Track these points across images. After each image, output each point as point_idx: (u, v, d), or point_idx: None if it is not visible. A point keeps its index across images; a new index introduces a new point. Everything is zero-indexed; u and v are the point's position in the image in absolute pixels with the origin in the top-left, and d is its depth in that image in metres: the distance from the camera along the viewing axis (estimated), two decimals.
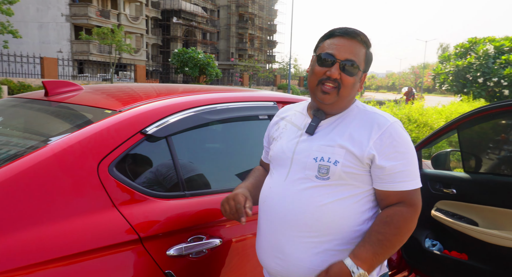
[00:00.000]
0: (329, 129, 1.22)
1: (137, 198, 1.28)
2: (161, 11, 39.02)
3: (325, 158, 1.17)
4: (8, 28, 13.88)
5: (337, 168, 1.15)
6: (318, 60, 1.22)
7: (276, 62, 48.67)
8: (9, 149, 1.32)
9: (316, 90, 1.22)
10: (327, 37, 1.24)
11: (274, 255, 1.22)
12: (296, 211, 1.18)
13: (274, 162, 1.30)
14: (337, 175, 1.15)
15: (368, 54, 1.24)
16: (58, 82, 1.70)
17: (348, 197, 1.17)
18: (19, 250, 1.02)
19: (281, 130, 1.33)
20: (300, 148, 1.23)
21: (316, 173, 1.17)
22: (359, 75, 1.22)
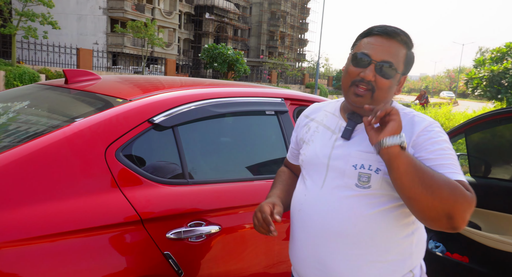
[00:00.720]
0: (362, 135, 1.14)
1: (141, 182, 1.37)
2: (195, 6, 39.59)
3: (365, 165, 1.09)
4: (48, 19, 14.52)
5: (378, 176, 1.08)
6: (353, 59, 1.14)
7: (305, 61, 48.32)
8: (27, 130, 1.44)
9: (349, 92, 1.14)
10: (365, 35, 1.16)
11: (313, 266, 1.17)
12: (337, 221, 1.11)
13: (307, 167, 1.23)
14: (378, 183, 1.08)
15: (408, 55, 1.15)
16: (77, 71, 1.82)
17: (390, 207, 1.09)
18: (32, 221, 1.12)
19: (312, 132, 1.26)
20: (336, 153, 1.15)
21: (357, 181, 1.09)
22: (396, 78, 1.13)
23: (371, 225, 1.08)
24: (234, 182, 1.59)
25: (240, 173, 1.72)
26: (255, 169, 1.78)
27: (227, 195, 1.54)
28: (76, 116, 1.41)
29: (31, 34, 14.17)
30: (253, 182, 1.66)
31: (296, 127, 1.36)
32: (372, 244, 1.09)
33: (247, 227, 1.57)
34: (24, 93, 1.84)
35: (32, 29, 14.22)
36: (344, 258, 1.11)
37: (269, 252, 1.67)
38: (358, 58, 1.13)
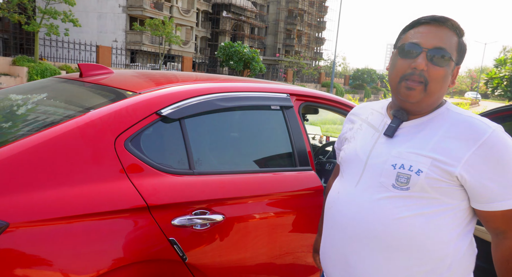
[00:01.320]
0: (413, 133, 1.06)
1: (148, 171, 1.43)
2: (212, 4, 39.84)
3: (405, 165, 1.02)
4: (69, 17, 14.90)
5: (419, 178, 1.00)
6: (400, 52, 1.06)
7: (322, 59, 47.96)
8: (42, 120, 1.53)
9: (399, 88, 1.05)
10: (410, 27, 1.08)
11: (339, 266, 1.13)
12: (366, 222, 1.05)
13: (345, 164, 1.18)
14: (419, 186, 1.00)
15: (461, 43, 1.05)
16: (91, 65, 1.91)
17: (431, 212, 1.01)
18: (47, 204, 1.20)
19: (355, 130, 1.21)
20: (377, 151, 1.09)
21: (394, 181, 1.03)
22: (451, 66, 1.04)
23: (404, 229, 1.01)
24: (238, 174, 1.64)
25: (244, 165, 1.77)
26: (258, 162, 1.83)
27: (231, 186, 1.60)
28: (89, 107, 1.49)
29: (53, 32, 14.57)
30: (257, 174, 1.71)
31: (343, 127, 1.32)
32: (403, 250, 1.01)
33: (250, 217, 1.62)
34: (42, 86, 1.94)
35: (54, 26, 14.62)
36: (371, 261, 1.05)
37: (274, 243, 1.72)
38: (406, 50, 1.04)
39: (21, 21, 14.15)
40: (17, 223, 1.14)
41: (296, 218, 1.76)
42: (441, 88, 1.04)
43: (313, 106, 2.13)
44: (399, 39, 1.11)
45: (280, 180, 1.75)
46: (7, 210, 1.13)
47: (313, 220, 1.83)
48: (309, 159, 1.86)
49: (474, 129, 0.99)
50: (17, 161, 1.21)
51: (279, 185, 1.74)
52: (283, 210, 1.73)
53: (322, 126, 4.35)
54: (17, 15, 14.14)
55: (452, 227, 1.02)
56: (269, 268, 1.74)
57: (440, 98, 1.08)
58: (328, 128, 4.75)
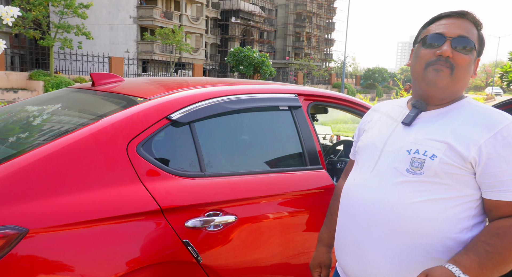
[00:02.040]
0: (431, 122, 1.07)
1: (161, 175, 1.46)
2: (221, 11, 40.21)
3: (420, 150, 1.03)
4: (82, 30, 15.27)
5: (433, 163, 1.00)
6: (423, 44, 1.09)
7: (332, 61, 47.77)
8: (57, 128, 1.58)
9: (426, 73, 1.07)
10: (431, 22, 1.12)
11: (352, 252, 1.13)
12: (380, 206, 1.06)
13: (361, 152, 1.20)
14: (432, 170, 1.01)
15: (480, 35, 1.10)
16: (103, 74, 1.97)
17: (443, 198, 1.01)
18: (64, 210, 1.24)
19: (374, 122, 1.23)
20: (393, 139, 1.11)
21: (408, 166, 1.03)
22: (474, 55, 1.07)
23: (418, 214, 1.01)
24: (249, 175, 1.66)
25: (254, 165, 1.79)
26: (268, 162, 1.85)
27: (242, 187, 1.61)
28: (101, 115, 1.54)
29: (67, 45, 14.95)
30: (267, 174, 1.72)
31: (361, 121, 1.35)
32: (415, 235, 1.01)
33: (263, 217, 1.63)
34: (56, 96, 2.01)
35: (68, 40, 15.00)
36: (383, 246, 1.05)
37: (287, 243, 1.72)
38: (430, 40, 1.07)
39: (36, 37, 14.57)
40: (36, 229, 1.18)
41: (309, 217, 1.77)
42: (465, 76, 1.07)
43: (322, 105, 2.14)
44: (420, 34, 1.14)
45: (291, 180, 1.76)
46: (26, 217, 1.17)
47: None
48: (319, 158, 1.87)
49: (491, 119, 1.02)
50: (34, 169, 1.26)
51: (290, 184, 1.75)
52: (295, 209, 1.74)
53: (333, 126, 4.34)
54: (32, 30, 14.57)
55: (465, 216, 1.02)
56: (284, 268, 1.75)
57: (463, 88, 1.10)
58: (339, 128, 4.74)
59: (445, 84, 1.05)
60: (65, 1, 14.78)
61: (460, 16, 1.08)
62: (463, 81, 1.07)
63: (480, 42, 1.10)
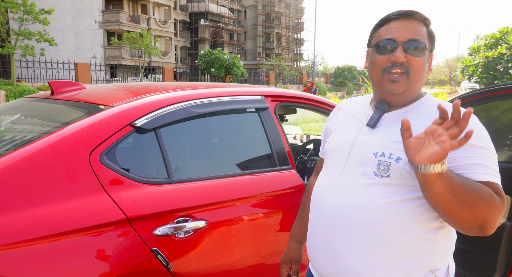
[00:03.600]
0: (394, 123, 1.10)
1: (126, 183, 1.43)
2: (189, 14, 39.87)
3: (386, 153, 1.06)
4: (44, 36, 14.73)
5: (399, 165, 1.03)
6: (377, 50, 1.11)
7: (302, 60, 48.38)
8: (14, 140, 1.51)
9: (383, 81, 1.10)
10: (380, 24, 1.14)
11: (325, 255, 1.15)
12: (350, 209, 1.08)
13: (330, 155, 1.22)
14: (398, 172, 1.04)
15: (430, 31, 1.12)
16: (62, 83, 1.90)
17: (409, 198, 1.04)
18: (19, 226, 1.19)
19: (340, 122, 1.25)
20: (359, 141, 1.13)
21: (375, 169, 1.06)
22: (426, 54, 1.10)
23: (386, 215, 1.04)
24: (218, 178, 1.65)
25: (223, 169, 1.78)
26: (238, 165, 1.84)
27: (211, 191, 1.60)
28: (61, 124, 1.49)
29: (28, 53, 14.39)
30: (237, 177, 1.72)
31: (327, 119, 1.36)
32: (385, 235, 1.04)
33: (234, 220, 1.63)
34: (13, 107, 1.92)
35: (30, 47, 14.43)
36: (355, 247, 1.07)
37: (260, 244, 1.73)
38: (382, 46, 1.09)
39: None
40: None
41: (281, 217, 1.77)
42: (421, 77, 1.10)
43: (290, 106, 2.16)
44: (372, 38, 1.16)
45: (261, 181, 1.76)
46: None
47: None
48: (288, 158, 1.88)
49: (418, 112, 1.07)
50: None
51: (260, 186, 1.75)
52: (266, 210, 1.74)
53: (303, 125, 4.38)
54: None
55: (430, 216, 1.04)
56: (259, 269, 1.75)
57: (420, 88, 1.13)
58: (310, 127, 4.79)
59: (403, 90, 1.09)
60: (24, 7, 14.22)
61: (407, 17, 1.10)
62: (420, 82, 1.10)
63: (430, 38, 1.12)
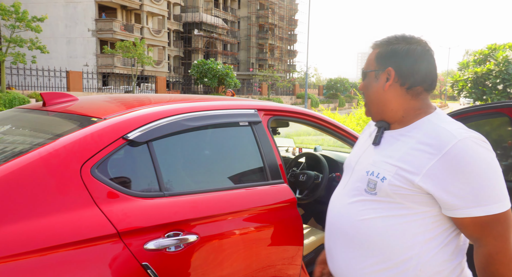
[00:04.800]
0: (391, 142, 1.15)
1: (117, 196, 1.42)
2: (183, 24, 40.10)
3: (375, 172, 1.12)
4: (36, 44, 14.66)
5: (383, 185, 1.09)
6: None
7: (295, 72, 48.79)
8: (5, 152, 1.50)
9: None
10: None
11: (328, 255, 1.29)
12: (341, 220, 1.19)
13: (344, 169, 1.33)
14: (383, 191, 1.09)
15: (380, 51, 1.17)
16: (54, 94, 1.89)
17: (395, 215, 1.08)
18: (5, 240, 1.17)
19: (359, 139, 1.35)
20: (362, 158, 1.21)
21: (366, 186, 1.14)
22: (370, 76, 1.18)
23: (369, 229, 1.10)
24: (209, 192, 1.65)
25: (215, 183, 1.78)
26: (230, 179, 1.84)
27: (203, 205, 1.60)
28: (52, 137, 1.47)
29: (19, 60, 14.29)
30: (229, 191, 1.72)
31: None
32: (367, 248, 1.11)
33: (225, 235, 1.62)
34: (4, 118, 1.90)
35: (21, 54, 14.34)
36: (344, 256, 1.18)
37: (252, 258, 1.71)
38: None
39: None
40: None
41: (272, 231, 1.77)
42: (370, 96, 1.20)
43: (282, 120, 2.17)
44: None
45: (252, 195, 1.76)
46: None
47: (289, 232, 1.84)
48: (280, 172, 1.89)
49: (439, 139, 1.03)
50: None
51: (252, 200, 1.75)
52: (258, 224, 1.74)
53: (296, 138, 4.40)
54: None
55: (418, 232, 1.06)
56: None
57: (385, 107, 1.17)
58: (302, 140, 4.82)
59: (369, 114, 1.23)
60: (16, 15, 14.17)
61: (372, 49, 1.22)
62: (374, 102, 1.19)
63: (380, 56, 1.17)
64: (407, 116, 1.15)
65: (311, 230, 2.64)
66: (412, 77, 1.13)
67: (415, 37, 1.16)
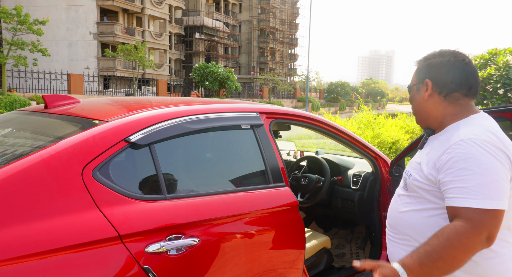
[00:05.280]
0: (429, 146, 1.33)
1: (119, 199, 1.41)
2: (184, 27, 40.20)
3: (408, 171, 1.35)
4: (38, 47, 14.70)
5: (410, 181, 1.31)
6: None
7: (296, 75, 48.86)
8: (6, 154, 1.49)
9: None
10: None
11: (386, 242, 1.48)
12: (389, 212, 1.44)
13: None
14: (410, 187, 1.31)
15: (419, 67, 1.37)
16: (56, 96, 1.89)
17: (422, 209, 1.27)
18: (6, 243, 1.16)
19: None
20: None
21: (403, 183, 1.37)
22: (413, 90, 1.38)
23: (404, 221, 1.32)
24: (211, 195, 1.64)
25: (217, 186, 1.77)
26: (232, 182, 1.83)
27: (205, 208, 1.59)
28: (54, 139, 1.47)
29: (21, 63, 14.32)
30: (231, 194, 1.71)
31: None
32: (406, 236, 1.31)
33: (227, 238, 1.61)
34: (6, 120, 1.90)
35: (22, 57, 14.37)
36: (392, 243, 1.39)
37: (253, 262, 1.70)
38: None
39: None
40: None
41: (274, 235, 1.76)
42: (417, 107, 1.37)
43: (284, 123, 2.16)
44: None
45: (254, 198, 1.75)
46: None
47: (291, 236, 1.83)
48: (282, 175, 1.88)
49: (450, 138, 1.22)
50: None
51: (254, 203, 1.74)
52: (259, 228, 1.73)
53: (298, 141, 4.39)
54: None
55: (444, 224, 1.19)
56: None
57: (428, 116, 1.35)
58: (304, 143, 4.81)
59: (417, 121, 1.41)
60: (18, 18, 14.22)
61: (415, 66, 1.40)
62: (420, 111, 1.37)
63: (420, 71, 1.36)
64: (445, 121, 1.31)
65: (312, 233, 2.62)
66: (447, 85, 1.29)
67: (450, 50, 1.33)
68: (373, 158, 2.57)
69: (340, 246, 3.11)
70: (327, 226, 3.28)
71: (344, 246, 3.09)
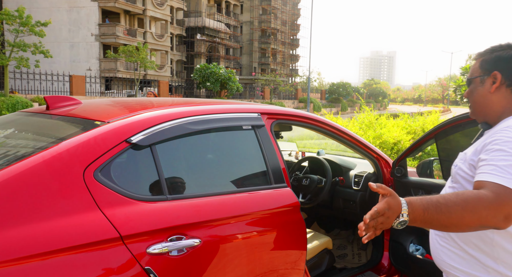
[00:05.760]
0: (480, 140, 1.30)
1: (120, 200, 1.41)
2: (186, 28, 40.27)
3: (456, 163, 1.35)
4: (40, 48, 14.75)
5: (454, 170, 1.33)
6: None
7: (297, 76, 48.86)
8: (8, 155, 1.50)
9: None
10: None
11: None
12: None
13: None
14: (455, 177, 1.32)
15: (485, 59, 1.33)
16: (58, 97, 1.89)
17: None
18: (8, 244, 1.16)
19: None
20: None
21: (451, 175, 1.38)
22: (475, 82, 1.35)
23: None
24: (213, 196, 1.64)
25: (218, 186, 1.77)
26: (233, 182, 1.83)
27: (206, 209, 1.59)
28: (56, 140, 1.47)
29: (23, 64, 14.38)
30: (232, 194, 1.71)
31: None
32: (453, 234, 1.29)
33: (228, 239, 1.61)
34: (8, 121, 1.91)
35: (24, 59, 14.43)
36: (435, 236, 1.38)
37: (255, 263, 1.70)
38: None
39: None
40: None
41: (275, 236, 1.76)
42: (476, 101, 1.35)
43: (285, 123, 2.16)
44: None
45: (256, 199, 1.75)
46: None
47: (292, 236, 1.83)
48: (284, 176, 1.88)
49: (497, 128, 1.25)
50: None
51: (255, 204, 1.74)
52: (261, 228, 1.72)
53: (299, 142, 4.39)
54: None
55: None
56: None
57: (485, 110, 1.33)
58: (305, 144, 4.81)
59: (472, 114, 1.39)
60: (20, 19, 14.27)
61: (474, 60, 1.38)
62: (480, 105, 1.34)
63: (483, 65, 1.32)
64: (503, 115, 1.30)
65: (314, 234, 2.62)
66: None
67: None
68: (375, 158, 2.56)
69: (342, 246, 3.10)
70: (328, 226, 3.28)
71: (345, 247, 3.09)
